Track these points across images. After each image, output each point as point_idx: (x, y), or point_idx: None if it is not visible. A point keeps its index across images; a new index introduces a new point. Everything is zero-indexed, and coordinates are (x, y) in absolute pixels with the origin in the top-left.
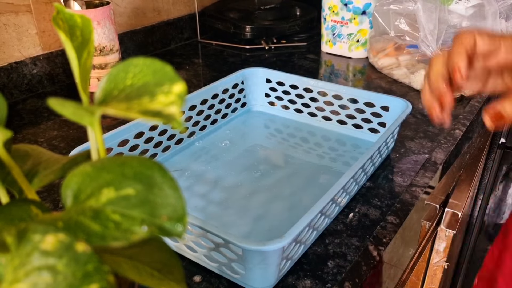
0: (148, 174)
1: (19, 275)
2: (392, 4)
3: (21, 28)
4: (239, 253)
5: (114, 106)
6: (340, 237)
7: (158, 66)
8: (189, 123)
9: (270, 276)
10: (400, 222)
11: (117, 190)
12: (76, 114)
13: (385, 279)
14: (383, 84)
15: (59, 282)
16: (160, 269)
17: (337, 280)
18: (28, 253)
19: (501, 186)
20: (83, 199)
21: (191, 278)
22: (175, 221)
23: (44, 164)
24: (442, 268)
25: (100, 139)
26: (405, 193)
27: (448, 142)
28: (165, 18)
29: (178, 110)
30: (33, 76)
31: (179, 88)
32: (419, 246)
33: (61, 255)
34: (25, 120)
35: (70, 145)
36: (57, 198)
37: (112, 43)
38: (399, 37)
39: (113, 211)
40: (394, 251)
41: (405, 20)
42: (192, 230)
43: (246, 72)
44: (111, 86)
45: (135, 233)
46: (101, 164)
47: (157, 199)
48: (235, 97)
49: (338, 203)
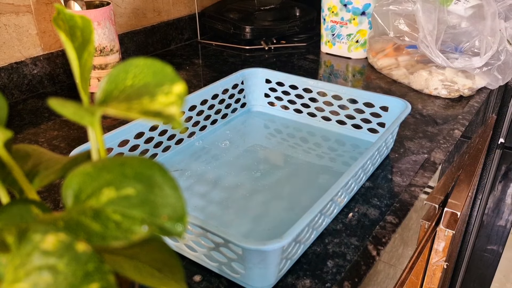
0: (148, 174)
1: (19, 275)
2: (392, 5)
3: (21, 29)
4: (239, 253)
5: (115, 107)
6: (339, 237)
7: (158, 66)
8: (189, 123)
9: (269, 275)
10: (399, 222)
11: (118, 190)
12: (77, 114)
13: (385, 278)
14: (382, 84)
15: (59, 281)
16: (160, 268)
17: (337, 279)
18: (28, 252)
19: (500, 186)
20: (84, 199)
21: (191, 277)
22: (175, 221)
23: (44, 164)
24: (441, 268)
25: (101, 139)
26: (404, 193)
27: (447, 142)
28: (165, 18)
29: (178, 111)
30: (34, 76)
31: (179, 89)
32: (418, 246)
33: (62, 254)
34: (25, 120)
35: (70, 145)
36: (57, 198)
37: (112, 44)
38: (398, 37)
39: (113, 211)
40: (394, 251)
41: (404, 21)
42: (192, 229)
43: (246, 72)
44: (111, 86)
45: (136, 232)
46: (102, 164)
47: (158, 199)
48: (235, 98)
49: (338, 203)
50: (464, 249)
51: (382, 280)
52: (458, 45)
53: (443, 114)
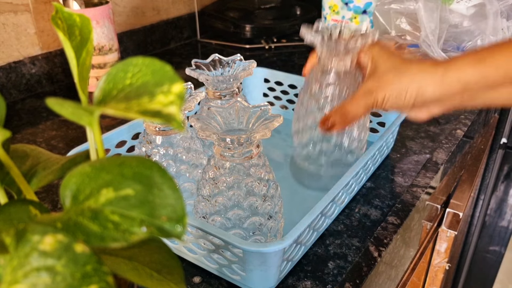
0: (147, 174)
1: (18, 276)
2: (393, 3)
3: (20, 28)
4: (239, 255)
5: (113, 106)
6: (340, 238)
7: (157, 65)
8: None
9: (270, 277)
10: (401, 223)
11: (116, 190)
12: (75, 114)
13: (386, 280)
14: None
15: (58, 282)
16: (159, 270)
17: (338, 281)
18: (26, 253)
19: (503, 187)
20: (82, 200)
21: (191, 279)
22: (175, 222)
23: (43, 164)
24: (443, 269)
25: (99, 139)
26: (406, 193)
27: (449, 142)
28: (165, 17)
29: (177, 110)
30: (32, 75)
31: (179, 88)
32: (420, 247)
33: (60, 255)
34: (23, 120)
35: (69, 145)
36: (55, 198)
37: (111, 43)
38: (400, 36)
39: (112, 211)
40: (395, 252)
41: (406, 20)
42: (191, 231)
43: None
44: (110, 86)
45: (134, 233)
46: (100, 164)
47: (157, 199)
48: None
49: (339, 203)
50: (466, 250)
51: (383, 281)
52: (460, 44)
53: (445, 114)
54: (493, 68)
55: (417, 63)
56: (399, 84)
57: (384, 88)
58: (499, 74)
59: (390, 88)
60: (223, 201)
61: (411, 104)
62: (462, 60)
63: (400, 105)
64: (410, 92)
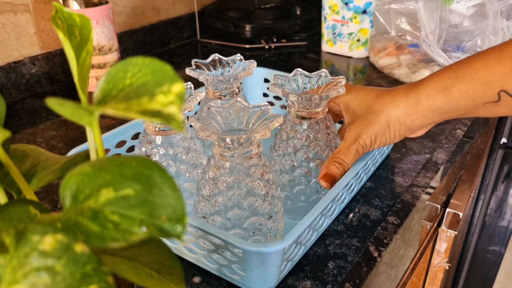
0: (147, 174)
1: (17, 276)
2: (393, 3)
3: (19, 28)
4: (239, 255)
5: (113, 106)
6: (340, 238)
7: (157, 65)
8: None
9: (270, 277)
10: (401, 223)
11: (116, 190)
12: (75, 114)
13: (386, 280)
14: (383, 83)
15: (57, 283)
16: (159, 270)
17: (338, 281)
18: (26, 253)
19: (503, 187)
20: (82, 200)
21: (191, 279)
22: (175, 222)
23: (42, 164)
24: (443, 269)
25: (99, 139)
26: (406, 193)
27: (449, 142)
28: (165, 17)
29: (177, 110)
30: (32, 75)
31: (179, 88)
32: (420, 247)
33: (60, 255)
34: (23, 120)
35: (68, 145)
36: (55, 198)
37: (111, 43)
38: (400, 36)
39: (112, 211)
40: (395, 252)
41: (406, 19)
42: (191, 231)
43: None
44: (110, 85)
45: (134, 233)
46: (100, 164)
47: (156, 199)
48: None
49: (339, 203)
50: (466, 250)
51: (383, 281)
52: (460, 44)
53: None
54: (459, 96)
55: (390, 94)
56: (378, 123)
57: (367, 130)
58: (467, 102)
59: (373, 129)
60: (223, 201)
61: (400, 135)
62: (432, 85)
63: (389, 140)
64: (393, 126)
